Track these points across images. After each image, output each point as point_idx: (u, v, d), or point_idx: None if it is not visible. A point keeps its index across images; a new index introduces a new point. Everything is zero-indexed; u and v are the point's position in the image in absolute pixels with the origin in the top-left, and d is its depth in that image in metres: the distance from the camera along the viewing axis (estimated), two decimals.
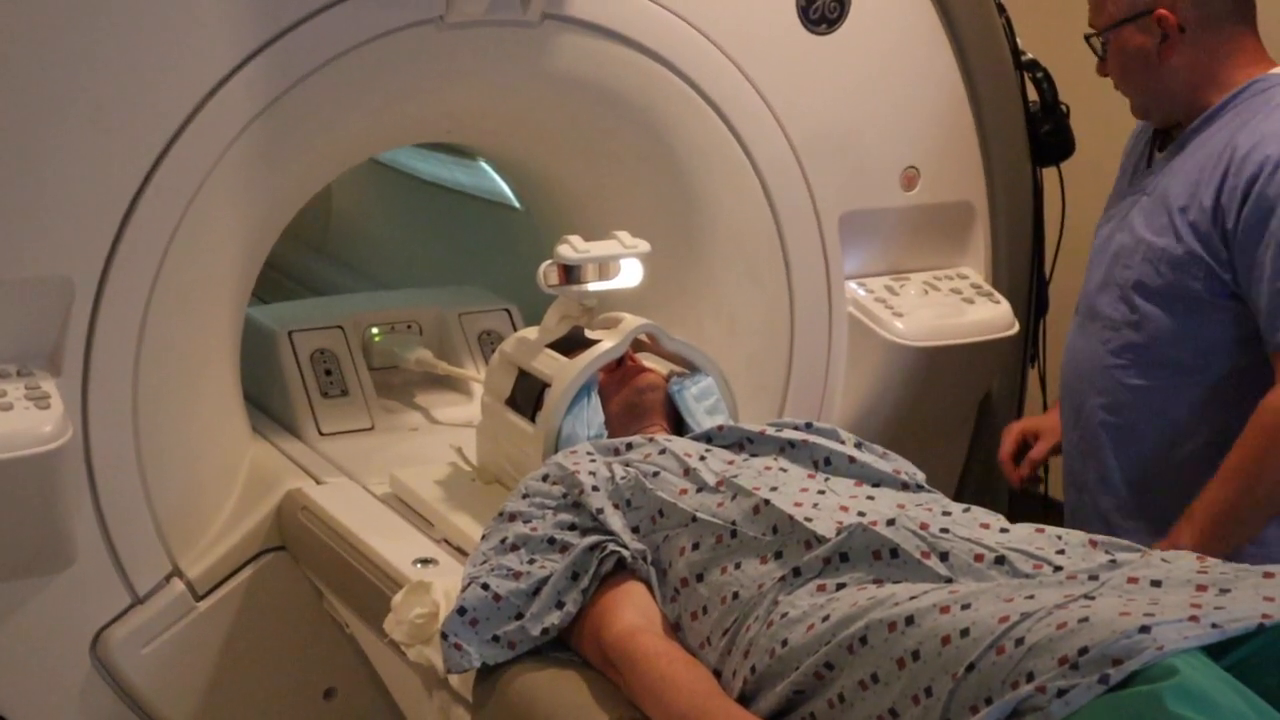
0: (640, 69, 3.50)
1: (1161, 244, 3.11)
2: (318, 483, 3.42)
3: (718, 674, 2.42)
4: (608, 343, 3.05)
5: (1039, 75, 3.85)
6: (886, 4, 3.69)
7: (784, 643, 2.29)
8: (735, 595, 2.43)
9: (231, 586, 3.37)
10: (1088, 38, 3.26)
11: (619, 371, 3.05)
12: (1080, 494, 3.32)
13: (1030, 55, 3.85)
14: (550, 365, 3.07)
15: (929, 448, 3.55)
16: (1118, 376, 3.19)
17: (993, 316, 3.74)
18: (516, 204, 4.25)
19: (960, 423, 3.88)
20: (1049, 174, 3.91)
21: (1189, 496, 3.06)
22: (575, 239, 3.14)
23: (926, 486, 2.69)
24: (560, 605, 2.56)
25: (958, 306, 3.78)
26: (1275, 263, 2.94)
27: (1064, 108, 3.85)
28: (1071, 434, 3.33)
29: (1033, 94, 3.87)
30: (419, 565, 2.96)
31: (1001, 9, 3.82)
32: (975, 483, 3.90)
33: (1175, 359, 3.12)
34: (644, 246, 3.17)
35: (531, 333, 3.21)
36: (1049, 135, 3.85)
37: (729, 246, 3.69)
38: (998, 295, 3.81)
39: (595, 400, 3.00)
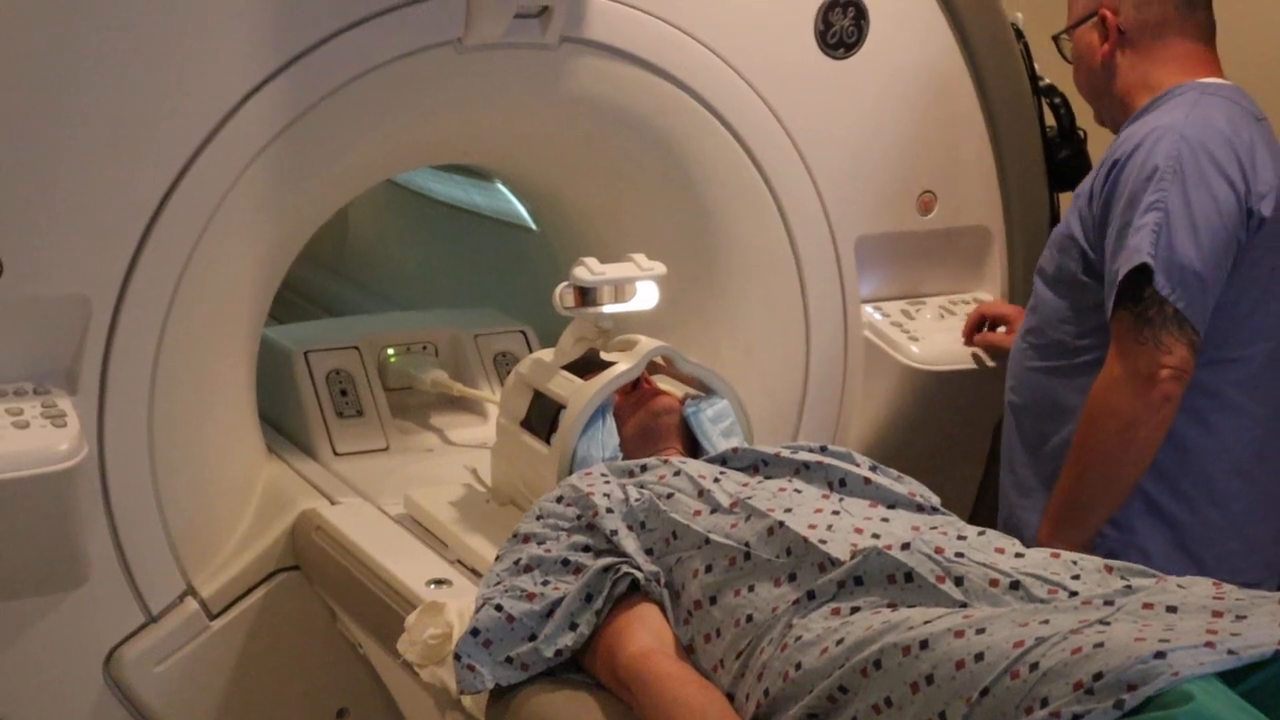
0: (658, 92, 3.51)
1: (1058, 230, 3.21)
2: (332, 503, 3.42)
3: (731, 697, 2.41)
4: (623, 365, 3.05)
5: (1057, 101, 3.86)
6: (904, 29, 3.70)
7: (798, 666, 2.28)
8: (749, 618, 2.43)
9: (245, 606, 3.37)
10: (1055, 39, 3.36)
11: (635, 394, 3.05)
12: (1000, 474, 3.39)
13: (1048, 81, 3.85)
14: (565, 387, 3.07)
15: (944, 471, 3.54)
16: (1021, 358, 3.28)
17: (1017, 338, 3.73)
18: (533, 226, 4.25)
19: (975, 447, 3.87)
20: (1066, 199, 3.90)
21: None
22: (591, 261, 3.14)
23: (942, 509, 2.69)
24: (574, 627, 2.56)
25: None
26: (1115, 243, 3.00)
27: (1081, 133, 3.86)
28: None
29: (1050, 119, 3.87)
30: (433, 586, 2.96)
31: (1020, 34, 3.83)
32: (990, 507, 3.88)
33: (1060, 341, 3.19)
34: (660, 269, 3.17)
35: (547, 354, 3.21)
36: (1066, 161, 3.87)
37: (745, 269, 3.70)
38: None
39: (610, 422, 3.00)
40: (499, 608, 2.58)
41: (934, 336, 3.75)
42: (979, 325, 3.72)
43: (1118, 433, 2.98)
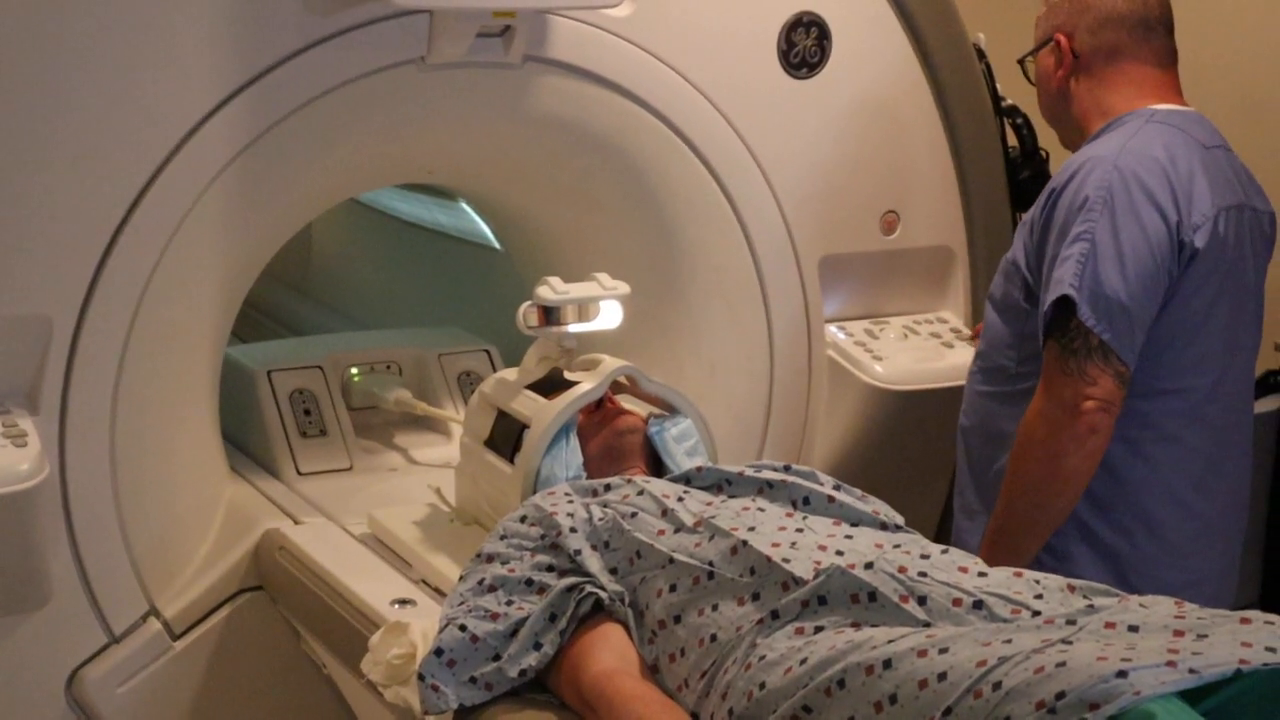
0: (621, 112, 3.51)
1: (1006, 256, 3.22)
2: (295, 523, 3.41)
3: (695, 716, 2.41)
4: (587, 384, 3.05)
5: (1019, 121, 3.88)
6: (867, 49, 3.71)
7: (762, 685, 2.29)
8: (713, 637, 2.43)
9: (208, 626, 3.36)
10: (1020, 62, 3.35)
11: (598, 413, 3.05)
12: (954, 495, 3.40)
13: (1010, 101, 3.87)
14: (529, 406, 3.07)
15: (908, 491, 3.54)
16: (971, 381, 3.30)
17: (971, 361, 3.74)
18: (497, 245, 4.25)
19: (939, 467, 3.87)
20: None
21: None
22: (555, 280, 3.14)
23: (905, 528, 2.69)
24: (538, 647, 2.56)
25: (937, 350, 3.79)
26: (1047, 274, 3.01)
27: (1043, 154, 3.88)
28: None
29: (1012, 140, 3.89)
30: (397, 606, 2.94)
31: (982, 55, 3.84)
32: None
33: (1002, 366, 3.20)
34: (623, 288, 3.17)
35: (511, 374, 3.20)
36: (1028, 181, 3.88)
37: (709, 289, 3.70)
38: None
39: (574, 441, 3.00)
40: (463, 628, 2.58)
41: (897, 356, 3.76)
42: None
43: (1044, 463, 2.99)
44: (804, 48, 3.63)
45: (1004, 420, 3.18)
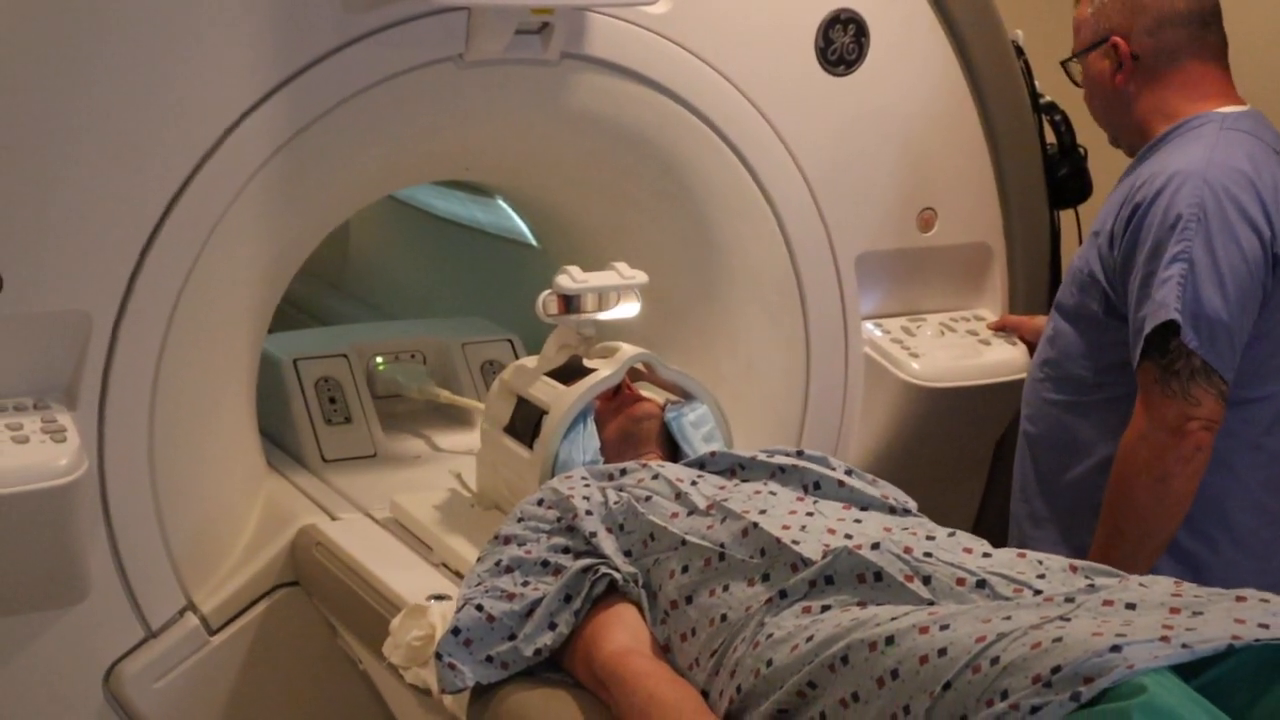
0: (658, 109, 3.52)
1: (1078, 265, 3.18)
2: (332, 518, 3.43)
3: (705, 694, 2.43)
4: (605, 371, 3.07)
5: (1057, 118, 3.85)
6: (905, 46, 3.71)
7: (769, 663, 2.30)
8: (723, 617, 2.44)
9: (245, 621, 3.38)
10: (1064, 64, 3.31)
11: (616, 400, 3.07)
12: (1013, 501, 3.37)
13: (1048, 98, 3.85)
14: (548, 393, 3.09)
15: (944, 488, 3.55)
16: (1038, 389, 3.26)
17: (1009, 358, 3.74)
18: (534, 242, 4.27)
19: (976, 464, 3.87)
20: (1066, 216, 3.91)
21: (1083, 511, 3.11)
22: (574, 269, 3.17)
23: (914, 512, 2.70)
24: (553, 626, 2.58)
25: (974, 348, 3.78)
26: (1139, 292, 2.97)
27: (1082, 150, 3.86)
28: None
29: (1050, 137, 3.87)
30: (432, 601, 2.94)
31: (1020, 52, 3.83)
32: (990, 523, 3.88)
33: (1079, 376, 3.17)
34: (641, 278, 3.19)
35: (531, 361, 3.23)
36: (1066, 178, 3.86)
37: (746, 286, 3.70)
38: (1014, 337, 3.80)
39: (591, 427, 3.02)
40: (480, 607, 2.61)
41: (934, 353, 3.75)
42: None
43: (1150, 487, 2.96)
44: (842, 45, 3.63)
45: (1079, 429, 3.16)
